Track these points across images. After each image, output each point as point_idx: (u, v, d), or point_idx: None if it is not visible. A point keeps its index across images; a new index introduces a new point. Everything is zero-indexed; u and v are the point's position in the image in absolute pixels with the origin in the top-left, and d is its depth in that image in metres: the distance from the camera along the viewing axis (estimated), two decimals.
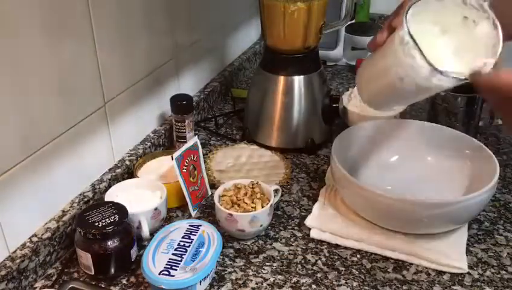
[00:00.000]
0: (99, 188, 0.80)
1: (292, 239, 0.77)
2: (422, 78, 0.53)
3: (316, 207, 0.80)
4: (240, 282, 0.69)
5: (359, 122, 0.93)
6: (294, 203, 0.85)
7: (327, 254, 0.74)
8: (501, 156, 0.97)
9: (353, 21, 1.40)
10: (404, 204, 0.69)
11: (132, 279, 0.70)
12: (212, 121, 1.12)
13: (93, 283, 0.69)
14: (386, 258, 0.73)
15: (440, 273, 0.70)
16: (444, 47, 0.56)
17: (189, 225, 0.73)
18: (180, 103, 0.94)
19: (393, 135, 0.88)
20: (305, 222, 0.77)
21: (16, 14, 0.61)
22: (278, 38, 0.95)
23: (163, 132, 0.98)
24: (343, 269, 0.71)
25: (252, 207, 0.76)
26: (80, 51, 0.73)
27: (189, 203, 0.80)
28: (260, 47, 1.49)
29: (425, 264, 0.71)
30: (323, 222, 0.77)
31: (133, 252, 0.71)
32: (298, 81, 0.97)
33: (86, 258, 0.67)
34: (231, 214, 0.74)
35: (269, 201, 0.76)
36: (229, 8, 1.27)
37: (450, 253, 0.71)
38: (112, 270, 0.69)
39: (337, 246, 0.75)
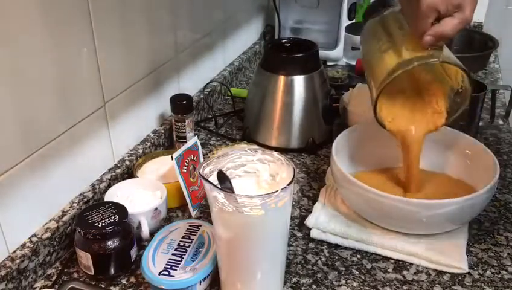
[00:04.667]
0: (99, 188, 0.80)
1: (292, 239, 0.77)
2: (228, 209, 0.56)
3: (316, 207, 0.80)
4: None
5: (359, 122, 0.93)
6: (294, 203, 0.85)
7: (327, 254, 0.74)
8: (501, 156, 0.97)
9: (353, 21, 1.40)
10: (404, 204, 0.68)
11: (132, 279, 0.70)
12: (212, 121, 1.12)
13: (93, 283, 0.69)
14: (386, 258, 0.73)
15: (440, 273, 0.70)
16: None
17: (189, 225, 0.73)
18: (180, 103, 0.95)
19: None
20: (305, 222, 0.77)
21: (16, 13, 0.61)
22: None
23: (163, 132, 0.98)
24: (343, 269, 0.71)
25: None
26: (80, 50, 0.73)
27: (189, 203, 0.80)
28: (260, 47, 1.49)
29: (426, 264, 0.71)
30: (323, 222, 0.77)
31: (133, 252, 0.71)
32: (298, 80, 0.97)
33: (85, 258, 0.67)
34: None
35: None
36: (230, 8, 1.27)
37: (451, 253, 0.71)
38: (112, 271, 0.69)
39: (337, 246, 0.75)
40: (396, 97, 0.77)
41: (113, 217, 0.69)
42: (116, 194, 0.78)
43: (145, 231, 0.74)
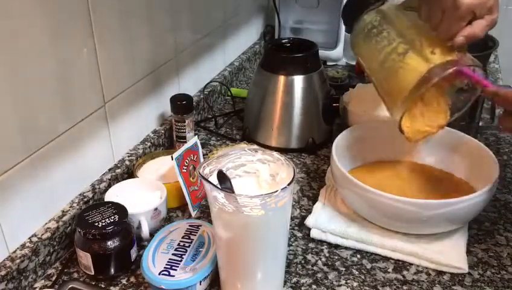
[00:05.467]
0: (99, 188, 0.80)
1: (292, 239, 0.77)
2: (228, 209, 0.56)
3: (316, 207, 0.80)
4: None
5: (359, 122, 0.93)
6: (294, 203, 0.85)
7: (327, 254, 0.74)
8: (501, 156, 0.97)
9: None
10: (404, 204, 0.68)
11: (132, 279, 0.70)
12: (212, 121, 1.12)
13: (93, 283, 0.69)
14: (386, 258, 0.73)
15: (440, 273, 0.70)
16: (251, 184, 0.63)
17: (189, 225, 0.73)
18: (180, 103, 0.95)
19: (394, 135, 0.87)
20: (305, 222, 0.77)
21: (16, 13, 0.61)
22: None
23: (163, 132, 0.98)
24: (343, 269, 0.71)
25: None
26: (80, 50, 0.73)
27: (189, 203, 0.80)
28: (260, 47, 1.49)
29: (426, 264, 0.71)
30: (323, 222, 0.77)
31: (133, 252, 0.71)
32: (298, 80, 0.97)
33: (85, 258, 0.67)
34: None
35: None
36: (230, 8, 1.27)
37: (451, 253, 0.71)
38: (112, 271, 0.69)
39: (337, 246, 0.75)
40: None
41: (113, 217, 0.69)
42: (116, 194, 0.78)
43: (145, 231, 0.74)
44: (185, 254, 0.67)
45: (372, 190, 0.70)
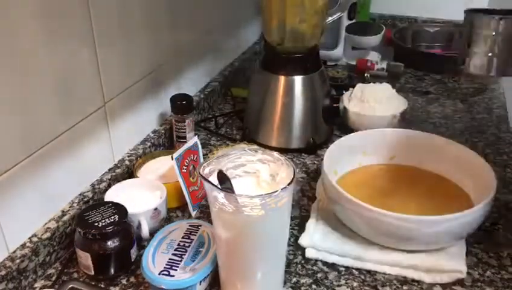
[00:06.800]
0: (99, 188, 0.80)
1: (292, 239, 0.77)
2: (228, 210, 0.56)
3: (309, 225, 0.76)
4: None
5: (359, 122, 0.93)
6: (294, 203, 0.84)
7: None
8: (501, 156, 0.97)
9: (353, 21, 1.40)
10: (403, 222, 0.66)
11: (132, 279, 0.70)
12: (212, 121, 1.12)
13: (93, 283, 0.69)
14: None
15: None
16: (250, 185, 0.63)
17: (189, 225, 0.73)
18: (180, 103, 0.95)
19: (393, 141, 0.86)
20: (299, 241, 0.74)
21: (16, 13, 0.61)
22: None
23: (163, 131, 0.98)
24: (343, 269, 0.71)
25: None
26: (80, 50, 0.73)
27: (189, 203, 0.80)
28: (260, 47, 1.49)
29: (425, 276, 0.69)
30: (317, 240, 0.73)
31: (133, 252, 0.71)
32: (298, 81, 0.97)
33: (85, 258, 0.67)
34: None
35: None
36: (230, 7, 1.27)
37: (450, 264, 0.69)
38: (112, 271, 0.69)
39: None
40: None
41: (113, 217, 0.69)
42: (116, 194, 0.78)
43: (145, 231, 0.74)
44: (185, 254, 0.67)
45: (369, 208, 0.67)
